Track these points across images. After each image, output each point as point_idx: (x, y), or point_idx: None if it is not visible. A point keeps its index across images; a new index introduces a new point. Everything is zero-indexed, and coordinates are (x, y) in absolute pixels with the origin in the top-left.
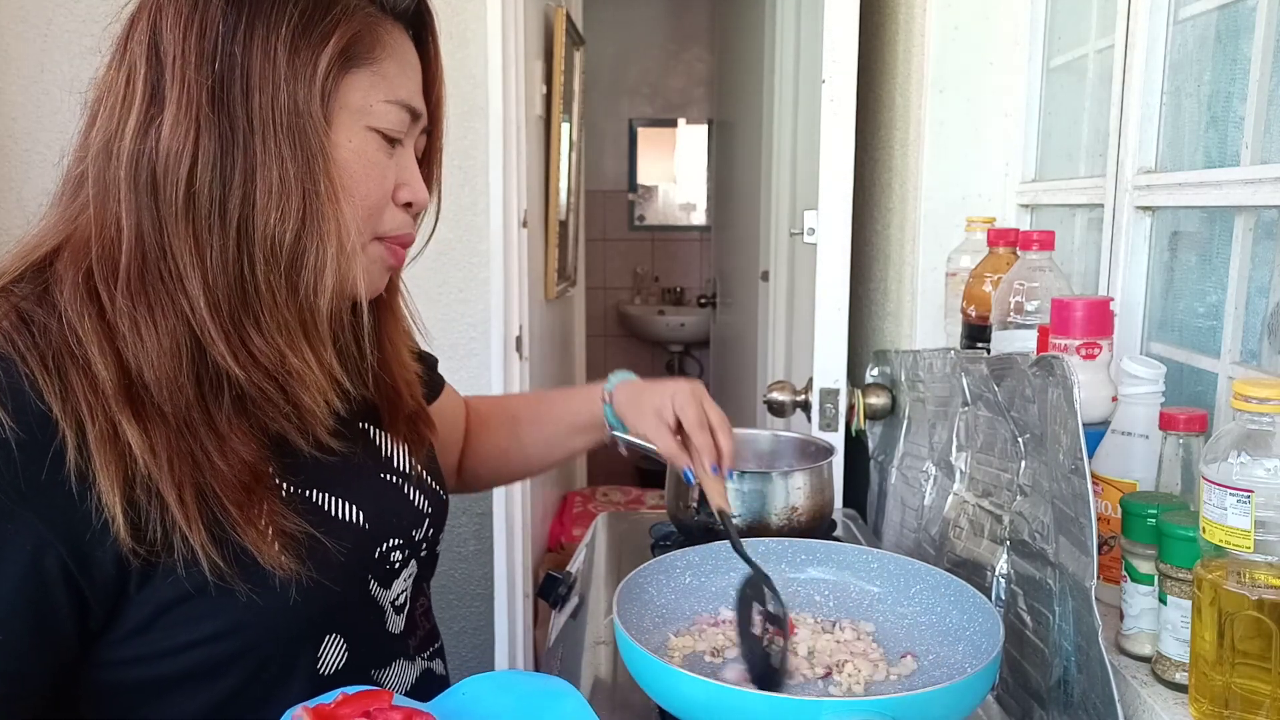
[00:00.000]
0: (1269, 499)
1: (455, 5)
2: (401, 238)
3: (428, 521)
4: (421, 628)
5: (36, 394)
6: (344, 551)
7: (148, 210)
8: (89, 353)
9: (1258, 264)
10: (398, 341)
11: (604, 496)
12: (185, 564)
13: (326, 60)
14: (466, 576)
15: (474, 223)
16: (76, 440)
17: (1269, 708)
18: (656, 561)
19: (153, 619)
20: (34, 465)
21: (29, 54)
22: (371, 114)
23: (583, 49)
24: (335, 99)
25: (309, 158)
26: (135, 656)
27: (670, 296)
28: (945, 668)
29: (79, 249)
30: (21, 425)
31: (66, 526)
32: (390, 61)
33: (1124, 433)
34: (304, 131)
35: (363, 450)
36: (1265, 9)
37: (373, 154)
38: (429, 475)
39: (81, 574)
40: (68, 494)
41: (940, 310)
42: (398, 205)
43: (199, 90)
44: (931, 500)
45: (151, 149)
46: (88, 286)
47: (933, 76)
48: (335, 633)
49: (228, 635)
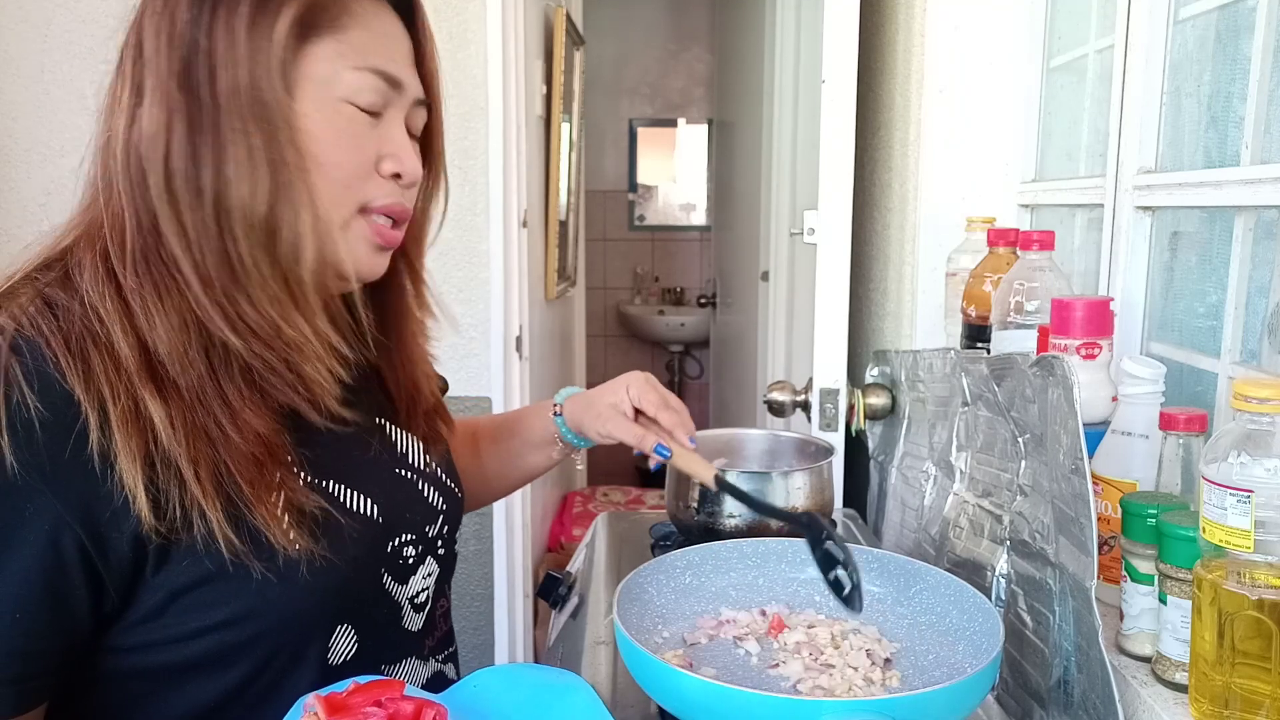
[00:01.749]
0: (1269, 499)
1: (455, 5)
2: (390, 208)
3: (442, 518)
4: (440, 629)
5: (60, 375)
6: (355, 535)
7: (140, 196)
8: (111, 331)
9: (1258, 264)
10: (418, 335)
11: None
12: (204, 543)
13: (283, 31)
14: (466, 576)
15: (474, 223)
16: (99, 420)
17: (1269, 708)
18: (656, 561)
19: (166, 603)
20: (57, 445)
21: (29, 54)
22: (340, 83)
23: (583, 49)
24: (297, 69)
25: (273, 130)
26: (148, 642)
27: (670, 296)
28: (945, 668)
29: (94, 235)
30: (46, 406)
31: (86, 507)
32: (358, 30)
33: (1124, 433)
34: (265, 104)
35: (378, 444)
36: (1265, 9)
37: (344, 124)
38: (444, 473)
39: (98, 555)
40: (90, 473)
41: (940, 310)
42: (384, 176)
43: (169, 77)
44: (931, 500)
45: (137, 138)
46: (105, 268)
47: (933, 76)
48: (346, 623)
49: (240, 621)
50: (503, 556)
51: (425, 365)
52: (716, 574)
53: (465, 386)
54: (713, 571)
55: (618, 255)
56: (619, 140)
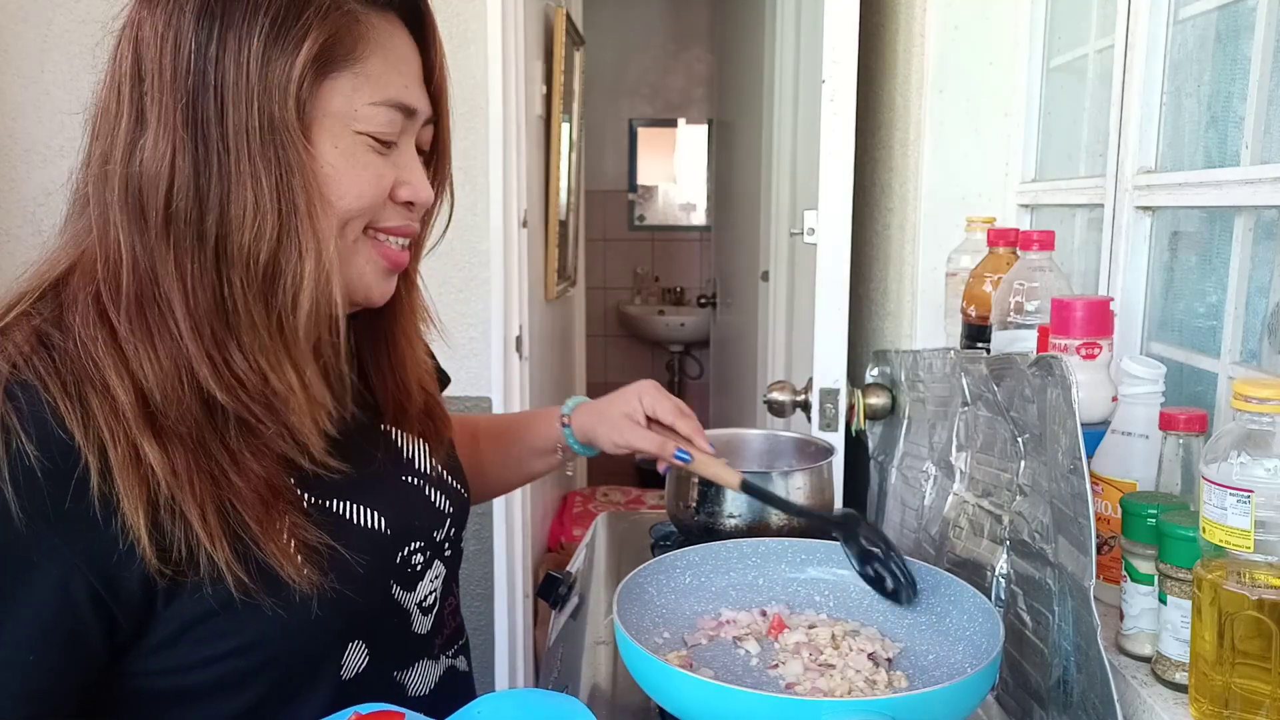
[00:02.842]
0: (1269, 499)
1: (455, 5)
2: (398, 230)
3: (449, 522)
4: (449, 625)
5: (58, 422)
6: (364, 562)
7: (139, 234)
8: (106, 376)
9: (1258, 264)
10: (413, 336)
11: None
12: (211, 581)
13: (300, 69)
14: (467, 576)
15: (474, 223)
16: (100, 465)
17: (1269, 708)
18: (656, 561)
19: (179, 634)
20: (59, 492)
21: (29, 54)
22: (357, 118)
23: (583, 49)
24: (314, 107)
25: (285, 173)
26: (162, 669)
27: (670, 296)
28: (945, 668)
29: (88, 270)
30: (45, 454)
31: (93, 553)
32: (375, 59)
33: (1124, 433)
34: (279, 146)
35: (384, 454)
36: (1265, 9)
37: (362, 156)
38: (449, 474)
39: (110, 596)
40: (93, 520)
41: (940, 310)
42: (397, 204)
43: (174, 109)
44: (931, 500)
45: (136, 171)
46: (98, 309)
47: (933, 76)
48: (358, 639)
49: (252, 649)
50: (503, 556)
51: (418, 369)
52: (716, 574)
53: (465, 386)
54: (713, 572)
55: (618, 255)
56: (619, 140)
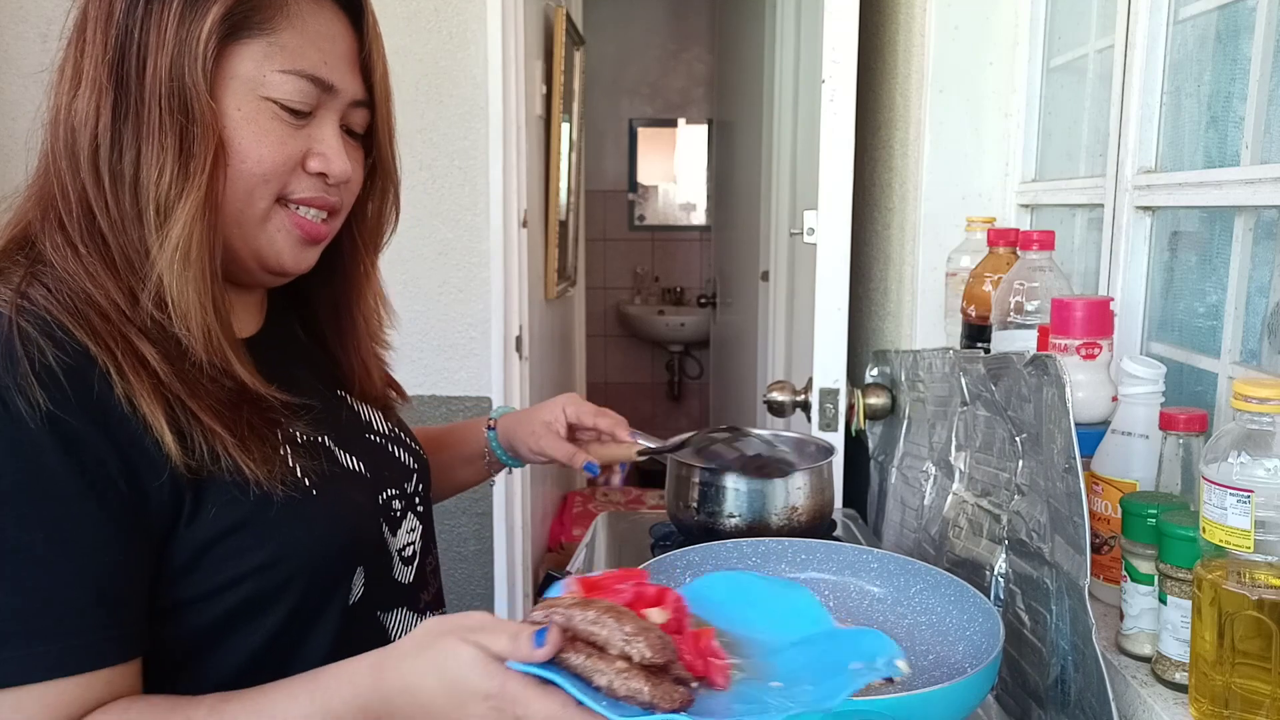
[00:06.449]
0: (1269, 499)
1: (455, 5)
2: (312, 200)
3: (416, 476)
4: (432, 586)
5: (68, 335)
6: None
7: (72, 174)
8: (91, 293)
9: (1258, 264)
10: (370, 322)
11: (604, 496)
12: (231, 477)
13: (208, 29)
14: (467, 576)
15: (474, 223)
16: (115, 366)
17: (1269, 708)
18: (656, 561)
19: (197, 557)
20: (83, 388)
21: (29, 54)
22: (265, 84)
23: (583, 49)
24: (222, 68)
25: (188, 123)
26: (188, 597)
27: (670, 296)
28: (945, 668)
29: (48, 206)
30: (65, 356)
31: (124, 450)
32: (291, 31)
33: (1124, 433)
34: (184, 98)
35: (345, 414)
36: (1265, 9)
37: (265, 121)
38: (406, 435)
39: (140, 498)
40: (123, 416)
41: (940, 310)
42: (309, 173)
43: (102, 64)
44: (931, 500)
45: (72, 120)
46: (64, 236)
47: (933, 76)
48: (360, 567)
49: (273, 566)
50: (503, 556)
51: (373, 351)
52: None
53: (465, 386)
54: (713, 571)
55: (618, 255)
56: (619, 140)
